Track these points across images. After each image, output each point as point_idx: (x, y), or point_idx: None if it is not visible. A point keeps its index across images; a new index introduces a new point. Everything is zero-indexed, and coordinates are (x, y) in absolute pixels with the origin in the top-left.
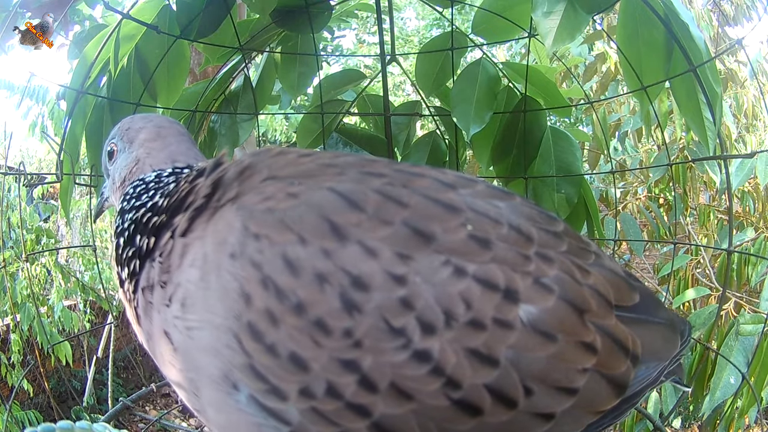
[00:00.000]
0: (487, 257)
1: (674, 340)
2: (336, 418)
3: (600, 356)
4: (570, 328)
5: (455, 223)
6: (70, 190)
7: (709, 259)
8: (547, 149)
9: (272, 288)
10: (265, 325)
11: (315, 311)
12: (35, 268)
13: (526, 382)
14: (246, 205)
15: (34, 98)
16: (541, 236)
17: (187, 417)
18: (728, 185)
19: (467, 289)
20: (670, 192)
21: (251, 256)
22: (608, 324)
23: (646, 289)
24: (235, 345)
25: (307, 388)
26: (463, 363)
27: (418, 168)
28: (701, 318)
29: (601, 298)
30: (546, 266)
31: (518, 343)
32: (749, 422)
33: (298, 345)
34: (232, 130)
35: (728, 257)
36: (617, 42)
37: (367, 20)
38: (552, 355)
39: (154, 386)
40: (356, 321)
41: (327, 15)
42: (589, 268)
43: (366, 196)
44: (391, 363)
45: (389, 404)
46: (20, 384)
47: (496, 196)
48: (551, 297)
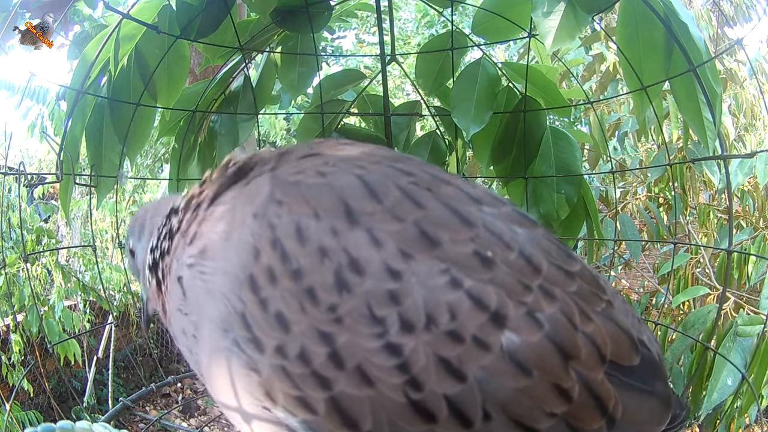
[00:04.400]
0: (486, 276)
1: (661, 417)
2: (300, 383)
3: (574, 406)
4: (548, 369)
5: (465, 236)
6: (70, 190)
7: (709, 259)
8: (547, 149)
9: (279, 249)
10: (263, 281)
11: (309, 280)
12: (35, 268)
13: (487, 407)
14: (278, 175)
15: (34, 98)
16: (551, 271)
17: (187, 417)
18: (728, 185)
19: (457, 301)
20: (669, 192)
21: (270, 218)
22: (593, 377)
23: (652, 357)
24: (237, 292)
25: (282, 347)
26: (431, 368)
27: (450, 176)
28: (701, 317)
29: (594, 349)
30: (545, 302)
31: (491, 366)
32: (749, 421)
33: (286, 306)
34: (232, 130)
35: (728, 257)
36: (617, 42)
37: (368, 20)
38: (521, 389)
39: (154, 386)
40: (343, 299)
41: (327, 15)
42: (593, 316)
43: (388, 188)
44: (363, 347)
45: (350, 384)
46: (20, 384)
47: (519, 222)
48: (539, 332)
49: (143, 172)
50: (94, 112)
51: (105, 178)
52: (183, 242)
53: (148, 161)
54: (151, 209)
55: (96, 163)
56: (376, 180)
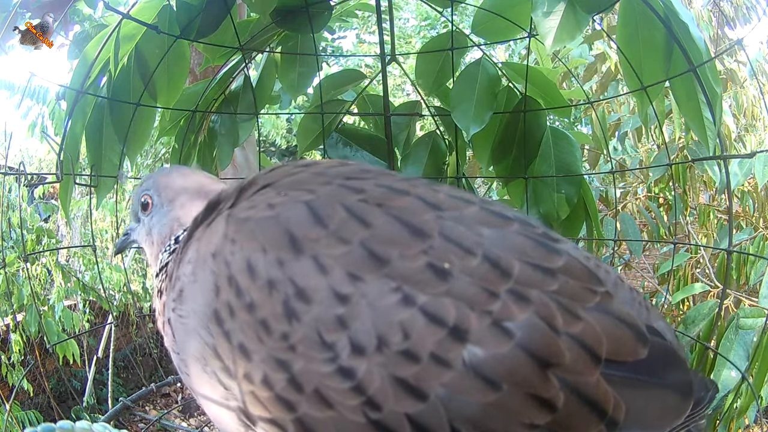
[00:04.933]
0: (442, 290)
1: (679, 408)
2: (269, 406)
3: (560, 415)
4: (522, 380)
5: (416, 249)
6: (70, 190)
7: (709, 259)
8: (547, 149)
9: (234, 285)
10: (225, 314)
11: (262, 312)
12: (36, 268)
13: (455, 424)
14: (233, 213)
15: (35, 98)
16: (524, 272)
17: (186, 417)
18: (728, 185)
19: (410, 319)
20: (669, 192)
21: (225, 256)
22: (583, 381)
23: (665, 346)
24: (206, 327)
25: (249, 374)
26: (387, 389)
27: (409, 184)
28: (701, 313)
29: (582, 351)
30: (517, 307)
31: (453, 383)
32: (749, 422)
33: (245, 337)
34: (232, 130)
35: (728, 257)
36: (617, 42)
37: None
38: (491, 404)
39: (154, 386)
40: (293, 327)
41: (327, 15)
42: (582, 314)
43: (334, 211)
44: (318, 371)
45: (312, 407)
46: (20, 384)
47: (488, 222)
48: (507, 343)
49: (143, 172)
50: (94, 112)
51: (105, 178)
52: (170, 285)
53: (148, 161)
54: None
55: (96, 163)
56: (322, 204)
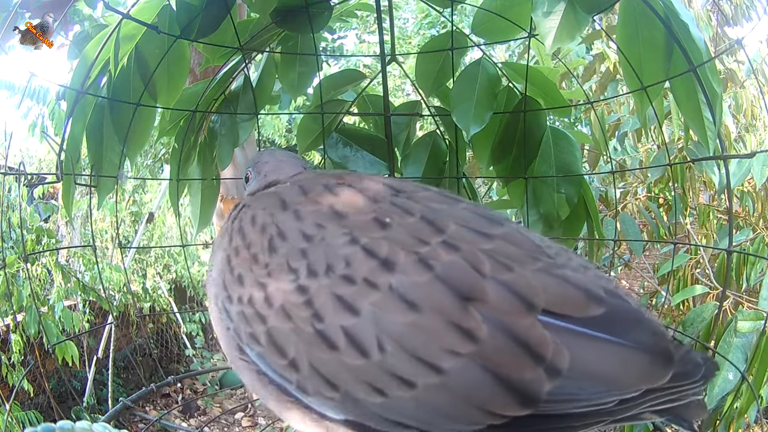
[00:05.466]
0: (380, 235)
1: (651, 371)
2: (250, 321)
3: (484, 348)
4: (439, 306)
5: (368, 209)
6: (72, 191)
7: (709, 259)
8: (547, 149)
9: (240, 233)
10: (233, 255)
11: (254, 248)
12: (35, 268)
13: (381, 339)
14: (255, 194)
15: (35, 98)
16: (459, 232)
17: (187, 417)
18: (728, 185)
19: (352, 253)
20: (669, 192)
21: (240, 216)
22: (511, 321)
23: (628, 307)
24: (221, 266)
25: (240, 296)
26: (328, 303)
27: (387, 179)
28: (699, 314)
29: (511, 295)
30: (444, 251)
31: (380, 302)
32: (749, 421)
33: (242, 268)
34: (232, 130)
35: (728, 257)
36: (617, 42)
37: (367, 19)
38: (411, 323)
39: (154, 386)
40: (272, 258)
41: (327, 15)
42: (516, 267)
43: (315, 188)
44: (283, 290)
45: (278, 320)
46: (20, 384)
47: (436, 200)
48: (427, 273)
49: (143, 172)
50: (94, 112)
51: (105, 179)
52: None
53: (148, 161)
54: (272, 165)
55: (96, 163)
56: (307, 183)
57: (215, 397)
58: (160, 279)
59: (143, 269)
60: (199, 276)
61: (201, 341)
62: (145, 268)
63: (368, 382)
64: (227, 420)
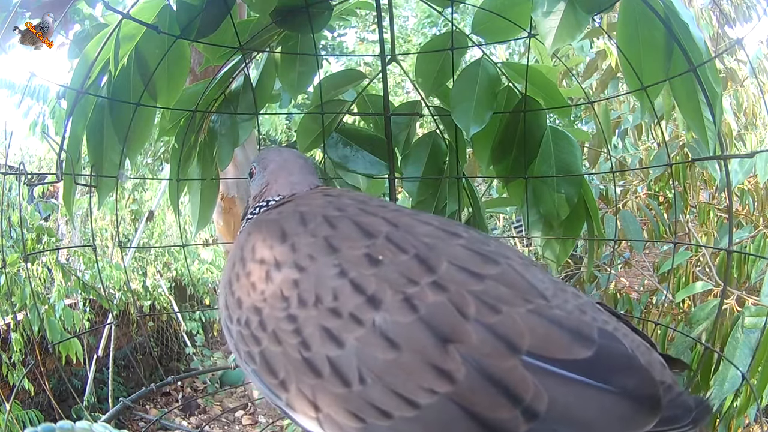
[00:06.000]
0: (370, 272)
1: (634, 419)
2: (247, 341)
3: (461, 388)
4: (420, 347)
5: (361, 245)
6: (73, 191)
7: (710, 256)
8: (548, 149)
9: (241, 261)
10: (234, 280)
11: (252, 277)
12: (36, 267)
13: (362, 371)
14: (259, 217)
15: (35, 97)
16: (450, 271)
17: (187, 416)
18: (728, 185)
19: (340, 286)
20: (669, 190)
21: (242, 243)
22: (492, 363)
23: (616, 349)
24: (224, 289)
25: (239, 318)
26: (315, 334)
27: (384, 210)
28: (703, 313)
29: (493, 338)
30: (432, 293)
31: (363, 338)
32: (749, 421)
33: (242, 293)
34: (233, 130)
35: (728, 257)
36: (617, 42)
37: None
38: (391, 361)
39: (154, 386)
40: (267, 286)
41: (327, 15)
42: (504, 309)
43: (315, 218)
44: (275, 317)
45: (270, 343)
46: (21, 383)
47: (433, 235)
48: (412, 315)
49: (143, 170)
50: (94, 111)
51: (105, 178)
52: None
53: (148, 159)
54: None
55: (97, 163)
56: (310, 214)
57: (215, 396)
58: (160, 277)
59: (143, 267)
60: (199, 274)
61: (201, 339)
62: (146, 266)
63: (348, 409)
64: (227, 418)
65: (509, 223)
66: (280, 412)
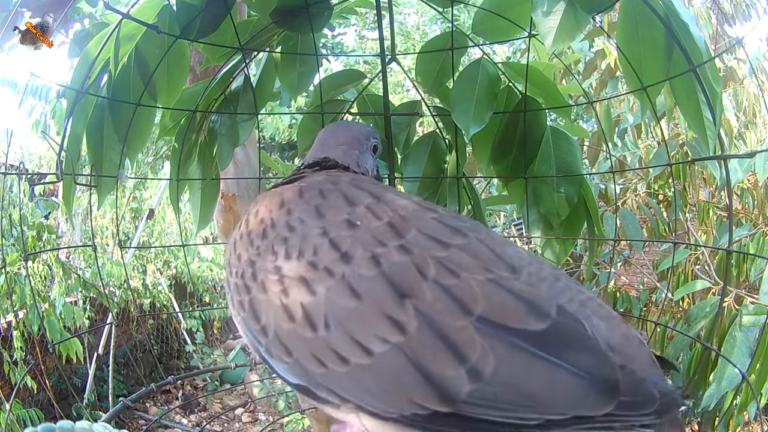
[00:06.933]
0: (347, 233)
1: (586, 397)
2: (241, 291)
3: (411, 340)
4: (378, 299)
5: (343, 211)
6: (72, 190)
7: (709, 255)
8: (547, 149)
9: (246, 223)
10: (238, 239)
11: (252, 235)
12: (37, 265)
13: (328, 318)
14: (269, 190)
15: (37, 96)
16: (417, 237)
17: (187, 413)
18: (728, 184)
19: (321, 243)
20: (669, 189)
21: (249, 209)
22: (443, 320)
23: (572, 327)
24: (229, 249)
25: (237, 271)
26: (294, 282)
27: (373, 186)
28: (703, 311)
29: (448, 298)
30: (397, 254)
31: (332, 287)
32: (749, 418)
33: (242, 249)
34: (232, 129)
35: (728, 256)
36: (617, 42)
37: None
38: (352, 309)
39: (155, 386)
40: (262, 242)
41: (327, 15)
42: (463, 275)
43: (311, 191)
44: (265, 268)
45: (258, 291)
46: (23, 381)
47: (409, 208)
48: (375, 270)
49: (144, 169)
50: (94, 111)
51: (105, 178)
52: None
53: (149, 158)
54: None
55: (97, 163)
56: (307, 187)
57: (215, 393)
58: (160, 275)
59: (143, 266)
60: (199, 272)
61: (201, 337)
62: (146, 264)
63: (313, 353)
64: (227, 416)
65: (509, 221)
66: (266, 366)
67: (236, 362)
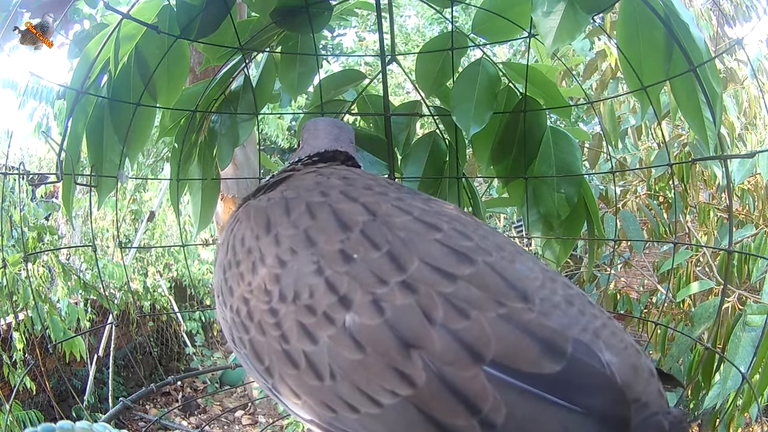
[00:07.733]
0: (343, 269)
1: None
2: (239, 328)
3: (421, 393)
4: (383, 350)
5: (337, 238)
6: (72, 191)
7: (710, 256)
8: (548, 149)
9: (233, 249)
10: (227, 267)
11: (241, 267)
12: (37, 267)
13: (333, 368)
14: (251, 202)
15: (38, 97)
16: (421, 270)
17: (186, 415)
18: (728, 185)
19: (317, 284)
20: (669, 190)
21: (233, 229)
22: (452, 371)
23: (588, 366)
24: (219, 275)
25: (231, 305)
26: (293, 329)
27: (366, 193)
28: (705, 312)
29: (458, 346)
30: (400, 294)
31: (334, 336)
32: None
33: (233, 282)
34: (232, 130)
35: (728, 257)
36: (617, 42)
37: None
38: (357, 361)
39: (154, 386)
40: (253, 278)
41: (327, 15)
42: (473, 315)
43: (298, 207)
44: (260, 309)
45: (257, 332)
46: (22, 383)
47: (411, 228)
48: (378, 318)
49: (144, 172)
50: (94, 111)
51: (106, 179)
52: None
53: (150, 160)
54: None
55: (97, 163)
56: (294, 200)
57: (215, 395)
58: (160, 277)
59: (144, 267)
60: (199, 274)
61: (201, 339)
62: (146, 266)
63: (322, 400)
64: (227, 418)
65: (509, 223)
66: (274, 400)
67: (236, 362)
